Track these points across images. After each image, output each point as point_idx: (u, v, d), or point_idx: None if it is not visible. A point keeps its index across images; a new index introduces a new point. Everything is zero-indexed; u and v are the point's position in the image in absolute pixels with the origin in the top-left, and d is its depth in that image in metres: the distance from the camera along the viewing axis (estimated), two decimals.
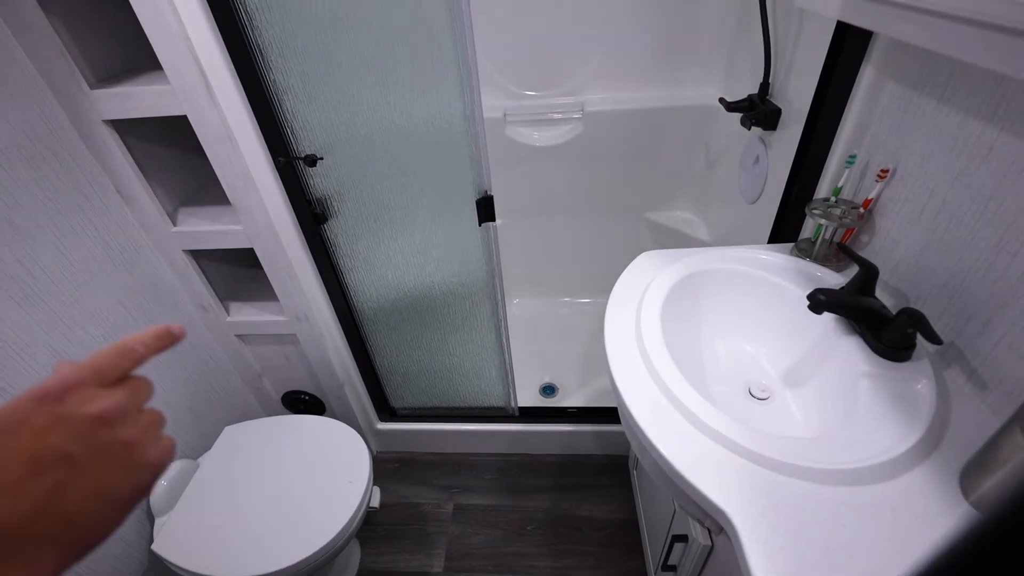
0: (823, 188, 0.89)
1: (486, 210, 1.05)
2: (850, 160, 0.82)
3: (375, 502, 1.11)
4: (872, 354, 0.67)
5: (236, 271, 1.35)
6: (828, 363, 0.73)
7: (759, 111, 1.08)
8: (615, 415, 1.42)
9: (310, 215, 1.06)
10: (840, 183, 0.83)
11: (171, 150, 1.12)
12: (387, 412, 1.55)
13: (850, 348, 0.70)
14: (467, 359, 1.36)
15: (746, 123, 1.15)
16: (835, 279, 0.79)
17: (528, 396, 1.67)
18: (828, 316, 0.74)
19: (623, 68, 1.50)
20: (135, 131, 1.00)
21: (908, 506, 0.53)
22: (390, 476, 1.55)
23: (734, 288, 0.85)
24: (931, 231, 0.68)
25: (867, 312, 0.68)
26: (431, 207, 1.08)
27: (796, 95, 0.98)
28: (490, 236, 1.10)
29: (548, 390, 1.69)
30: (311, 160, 0.97)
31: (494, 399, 1.46)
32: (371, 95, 0.93)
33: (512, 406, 1.46)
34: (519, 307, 1.98)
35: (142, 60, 0.95)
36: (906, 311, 0.64)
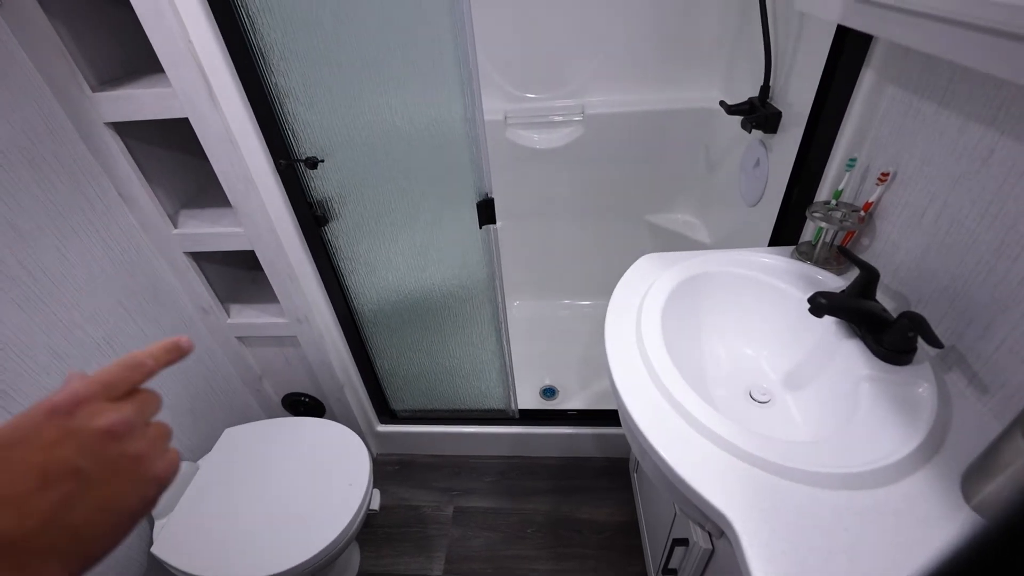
0: (824, 191, 0.89)
1: (487, 212, 1.05)
2: (851, 163, 0.82)
3: (375, 505, 1.11)
4: (873, 357, 0.67)
5: (236, 273, 1.35)
6: (829, 366, 0.73)
7: (760, 114, 1.08)
8: (615, 418, 1.41)
9: (311, 217, 1.06)
10: (841, 186, 0.83)
11: (172, 152, 1.12)
12: (387, 414, 1.55)
13: (851, 351, 0.70)
14: (467, 361, 1.36)
15: (747, 126, 1.15)
16: (836, 282, 0.79)
17: (528, 398, 1.67)
18: (829, 319, 0.74)
19: (624, 70, 1.50)
20: (136, 133, 1.00)
21: (910, 510, 0.53)
22: (390, 478, 1.54)
23: (735, 291, 0.85)
24: (932, 234, 0.68)
25: (868, 315, 0.68)
26: (432, 209, 1.09)
27: (797, 98, 0.98)
28: (491, 238, 1.11)
29: (548, 392, 1.69)
30: (312, 162, 0.97)
31: (494, 401, 1.45)
32: (372, 98, 0.93)
33: (512, 408, 1.46)
34: (520, 309, 1.98)
35: (143, 62, 0.95)
36: (907, 314, 0.64)
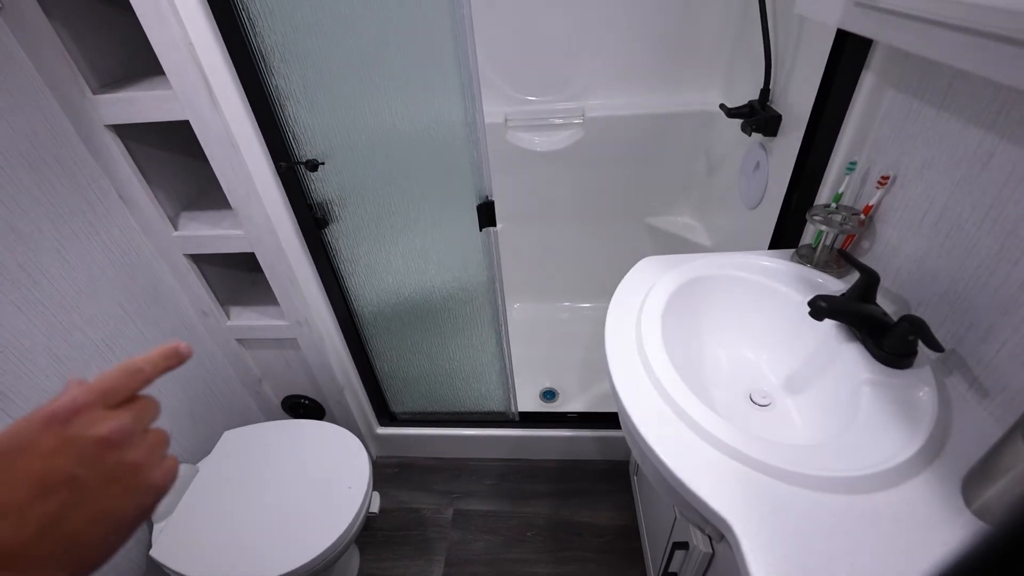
0: (824, 194, 0.89)
1: (487, 215, 1.05)
2: (851, 166, 0.82)
3: (374, 507, 1.11)
4: (873, 361, 0.67)
5: (237, 275, 1.35)
6: (829, 370, 0.73)
7: (760, 117, 1.09)
8: (615, 420, 1.41)
9: (311, 220, 1.06)
10: (841, 189, 0.83)
11: (173, 154, 1.12)
12: (387, 417, 1.55)
13: (851, 355, 0.69)
14: (467, 363, 1.36)
15: (747, 129, 1.16)
16: (836, 285, 0.79)
17: (528, 401, 1.67)
18: (829, 323, 0.74)
19: (624, 73, 1.51)
20: (137, 136, 1.00)
21: (910, 514, 0.53)
22: (390, 481, 1.54)
23: (735, 294, 0.85)
24: (932, 238, 0.68)
25: (868, 319, 0.68)
26: (432, 212, 1.09)
27: (796, 101, 0.98)
28: (491, 241, 1.11)
29: (548, 395, 1.69)
30: (312, 165, 0.97)
31: (494, 404, 1.45)
32: (373, 100, 0.93)
33: (512, 411, 1.46)
34: (520, 311, 1.98)
35: (144, 64, 0.96)
36: (907, 318, 0.64)
